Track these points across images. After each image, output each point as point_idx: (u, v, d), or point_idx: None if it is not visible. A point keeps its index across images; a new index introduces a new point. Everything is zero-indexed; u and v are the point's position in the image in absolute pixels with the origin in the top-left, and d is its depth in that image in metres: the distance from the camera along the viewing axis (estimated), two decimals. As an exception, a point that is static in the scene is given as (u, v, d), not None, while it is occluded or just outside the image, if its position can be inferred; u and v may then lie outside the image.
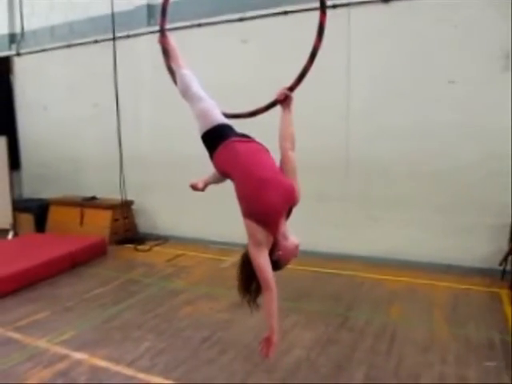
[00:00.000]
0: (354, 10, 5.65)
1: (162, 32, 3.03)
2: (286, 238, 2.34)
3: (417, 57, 5.44)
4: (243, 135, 2.63)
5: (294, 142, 2.53)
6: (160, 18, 3.09)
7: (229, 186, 3.22)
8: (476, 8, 5.08)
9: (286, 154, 2.47)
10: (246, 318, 4.18)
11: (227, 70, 6.38)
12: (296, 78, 2.67)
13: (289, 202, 2.36)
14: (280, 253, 2.33)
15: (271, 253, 2.33)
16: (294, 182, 2.40)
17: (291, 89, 2.64)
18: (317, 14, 2.63)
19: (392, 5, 5.50)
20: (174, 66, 2.95)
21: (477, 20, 5.11)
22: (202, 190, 3.19)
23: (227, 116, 2.83)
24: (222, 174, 2.65)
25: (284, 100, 2.62)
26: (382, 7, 5.55)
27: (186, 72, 2.83)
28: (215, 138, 2.58)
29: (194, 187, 3.20)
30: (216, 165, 2.63)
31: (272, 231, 2.30)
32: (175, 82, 2.96)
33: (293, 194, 2.36)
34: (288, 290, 4.93)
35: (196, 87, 2.76)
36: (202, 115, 2.67)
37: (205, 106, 2.69)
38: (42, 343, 3.80)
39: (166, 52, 3.02)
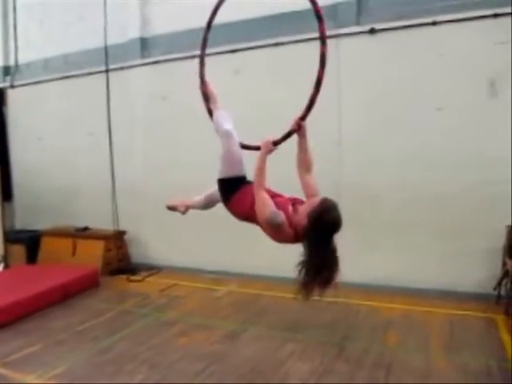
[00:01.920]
0: (343, 41, 5.78)
1: (202, 80, 3.35)
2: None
3: (406, 85, 5.55)
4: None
5: (312, 165, 2.83)
6: (199, 68, 3.39)
7: (221, 216, 3.25)
8: (462, 36, 5.25)
9: (304, 179, 2.79)
10: (242, 349, 4.14)
11: (222, 99, 6.46)
12: (305, 107, 2.83)
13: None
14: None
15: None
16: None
17: (302, 118, 2.84)
18: (306, 45, 2.72)
19: (379, 35, 5.67)
20: (212, 107, 3.25)
21: (463, 48, 5.26)
22: (183, 213, 3.34)
23: (249, 148, 3.08)
24: (241, 217, 2.91)
25: (298, 129, 2.83)
26: (369, 38, 5.71)
27: (221, 113, 3.16)
28: (234, 184, 2.89)
29: (172, 209, 3.32)
30: (233, 205, 2.91)
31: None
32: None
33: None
34: (283, 319, 4.90)
35: (227, 126, 3.00)
36: (228, 160, 2.93)
37: (232, 148, 2.92)
38: (31, 379, 3.70)
39: (206, 97, 3.33)
